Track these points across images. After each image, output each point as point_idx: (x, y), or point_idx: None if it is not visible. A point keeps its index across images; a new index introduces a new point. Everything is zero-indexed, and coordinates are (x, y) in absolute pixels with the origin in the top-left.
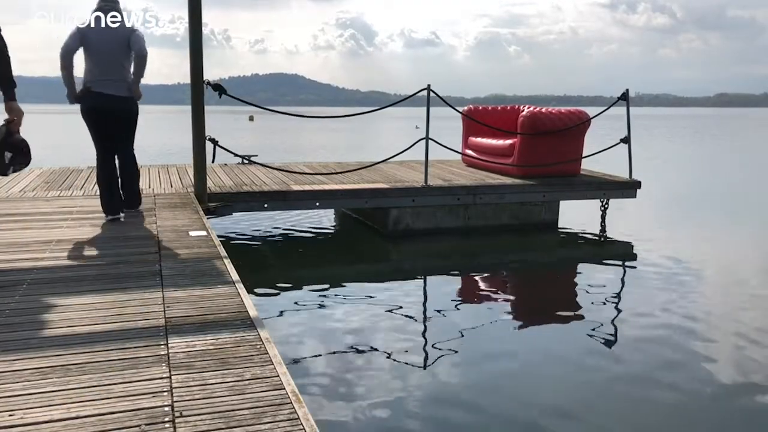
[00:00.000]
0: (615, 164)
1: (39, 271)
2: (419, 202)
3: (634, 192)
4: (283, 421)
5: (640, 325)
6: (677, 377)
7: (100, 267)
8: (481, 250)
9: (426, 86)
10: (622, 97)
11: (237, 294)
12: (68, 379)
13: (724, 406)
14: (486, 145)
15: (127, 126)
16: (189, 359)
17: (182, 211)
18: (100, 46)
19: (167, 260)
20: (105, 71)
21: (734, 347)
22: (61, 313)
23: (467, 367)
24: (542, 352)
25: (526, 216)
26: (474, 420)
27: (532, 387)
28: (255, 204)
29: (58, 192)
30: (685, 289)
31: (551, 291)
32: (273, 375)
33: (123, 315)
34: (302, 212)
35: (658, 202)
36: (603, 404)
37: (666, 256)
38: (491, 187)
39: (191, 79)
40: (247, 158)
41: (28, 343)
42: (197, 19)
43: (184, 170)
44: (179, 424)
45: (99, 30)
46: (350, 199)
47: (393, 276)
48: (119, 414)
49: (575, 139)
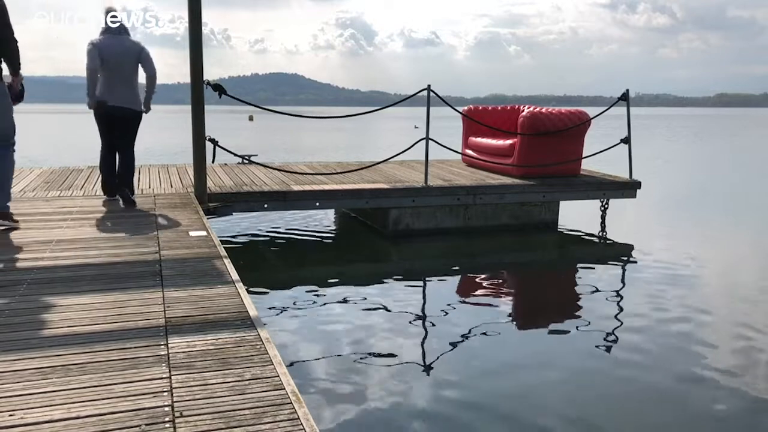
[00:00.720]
0: (615, 164)
1: (39, 271)
2: (419, 202)
3: (634, 192)
4: (283, 421)
5: (639, 325)
6: (677, 377)
7: (100, 267)
8: (481, 250)
9: (426, 86)
10: (623, 97)
11: (237, 294)
12: (69, 379)
13: (724, 406)
14: (486, 145)
15: (132, 131)
16: (189, 359)
17: (182, 211)
18: (111, 63)
19: (167, 260)
20: (116, 86)
21: (734, 347)
22: (61, 313)
23: (467, 367)
24: (542, 352)
25: (526, 216)
26: (474, 420)
27: (531, 387)
28: (255, 204)
29: (57, 192)
30: (685, 290)
31: (551, 291)
32: (273, 375)
33: (123, 315)
34: (302, 212)
35: (658, 202)
36: (602, 404)
37: (666, 257)
38: (491, 187)
39: (191, 79)
40: (247, 158)
41: (28, 343)
42: (197, 18)
43: (184, 170)
44: (179, 424)
45: (111, 45)
46: (350, 199)
47: (393, 276)
48: (120, 414)
49: (575, 140)
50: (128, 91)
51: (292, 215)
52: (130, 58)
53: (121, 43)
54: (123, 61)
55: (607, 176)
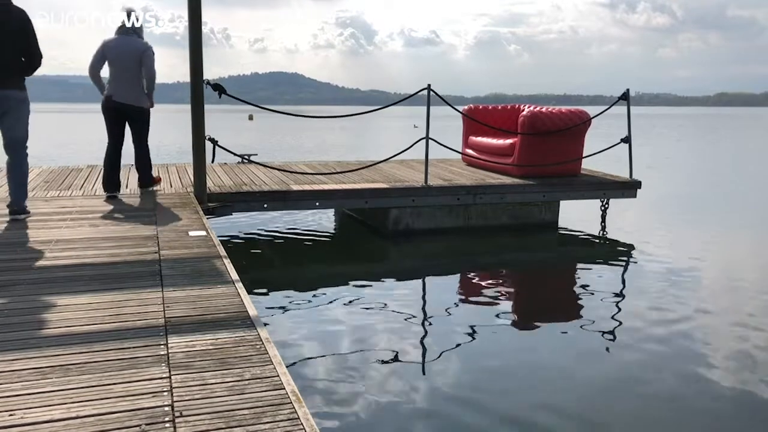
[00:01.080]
0: (615, 164)
1: (38, 270)
2: (419, 202)
3: (634, 192)
4: (283, 421)
5: (639, 325)
6: (677, 377)
7: (100, 267)
8: (481, 250)
9: (426, 86)
10: (623, 97)
11: (236, 294)
12: (68, 379)
13: (724, 405)
14: (486, 144)
15: (138, 126)
16: (188, 359)
17: (182, 211)
18: (116, 61)
19: (167, 260)
20: (121, 83)
21: (734, 347)
22: (60, 313)
23: (467, 367)
24: (542, 352)
25: (526, 216)
26: (474, 420)
27: (532, 387)
28: (255, 204)
29: (57, 192)
30: (685, 290)
31: (551, 291)
32: (273, 375)
33: (122, 315)
34: (302, 212)
35: (658, 201)
36: (602, 404)
37: (666, 256)
38: (491, 187)
39: (191, 78)
40: (246, 158)
41: (27, 343)
42: (197, 17)
43: (184, 170)
44: (179, 424)
45: (117, 45)
46: (350, 199)
47: (393, 276)
48: (119, 414)
49: (576, 139)
50: (131, 88)
51: (292, 215)
52: (132, 57)
53: (127, 43)
54: (126, 60)
55: (607, 176)
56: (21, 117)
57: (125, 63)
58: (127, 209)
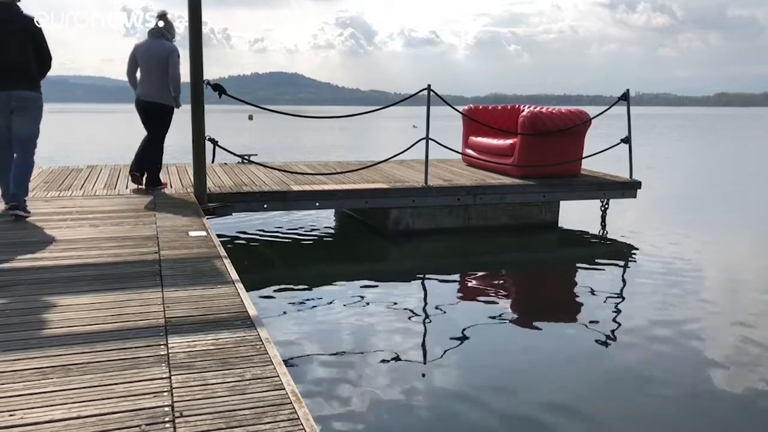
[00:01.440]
0: (615, 164)
1: (38, 271)
2: (419, 202)
3: (634, 192)
4: (283, 421)
5: (639, 325)
6: (677, 377)
7: (100, 267)
8: (481, 250)
9: (426, 86)
10: (623, 97)
11: (237, 294)
12: (69, 379)
13: (724, 405)
14: (486, 144)
15: (157, 123)
16: (189, 359)
17: (182, 211)
18: (145, 63)
19: (167, 260)
20: (148, 84)
21: (734, 347)
22: (61, 313)
23: (467, 367)
24: (542, 351)
25: (527, 216)
26: (474, 419)
27: (532, 387)
28: (255, 204)
29: (57, 192)
30: (685, 290)
31: (551, 291)
32: (273, 375)
33: (123, 315)
34: (302, 212)
35: (658, 202)
36: (602, 404)
37: (666, 257)
38: (491, 187)
39: (191, 78)
40: (246, 158)
41: (28, 343)
42: (197, 18)
43: (184, 170)
44: (179, 424)
45: (146, 48)
46: (350, 199)
47: (393, 276)
48: (120, 414)
49: (576, 139)
50: (157, 88)
51: (292, 215)
52: (158, 59)
53: (155, 46)
54: (153, 62)
55: (607, 176)
56: (32, 116)
57: (152, 65)
58: (127, 209)
